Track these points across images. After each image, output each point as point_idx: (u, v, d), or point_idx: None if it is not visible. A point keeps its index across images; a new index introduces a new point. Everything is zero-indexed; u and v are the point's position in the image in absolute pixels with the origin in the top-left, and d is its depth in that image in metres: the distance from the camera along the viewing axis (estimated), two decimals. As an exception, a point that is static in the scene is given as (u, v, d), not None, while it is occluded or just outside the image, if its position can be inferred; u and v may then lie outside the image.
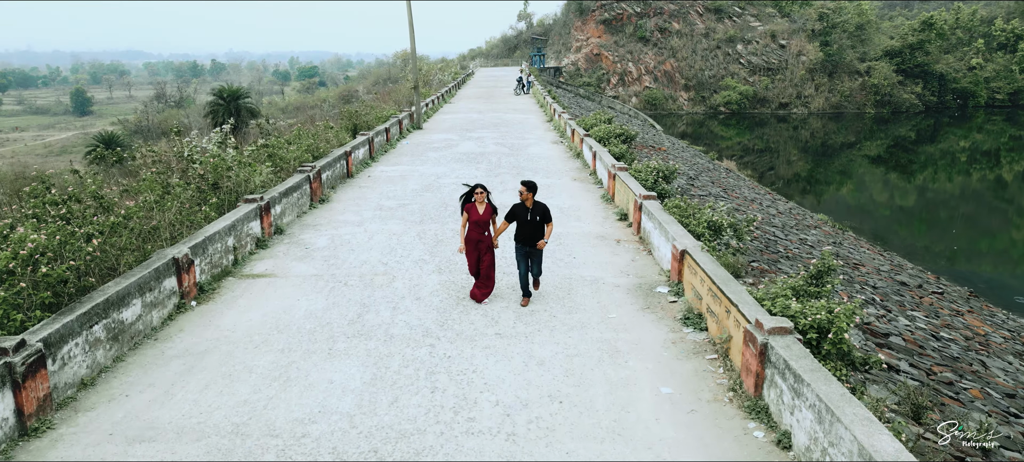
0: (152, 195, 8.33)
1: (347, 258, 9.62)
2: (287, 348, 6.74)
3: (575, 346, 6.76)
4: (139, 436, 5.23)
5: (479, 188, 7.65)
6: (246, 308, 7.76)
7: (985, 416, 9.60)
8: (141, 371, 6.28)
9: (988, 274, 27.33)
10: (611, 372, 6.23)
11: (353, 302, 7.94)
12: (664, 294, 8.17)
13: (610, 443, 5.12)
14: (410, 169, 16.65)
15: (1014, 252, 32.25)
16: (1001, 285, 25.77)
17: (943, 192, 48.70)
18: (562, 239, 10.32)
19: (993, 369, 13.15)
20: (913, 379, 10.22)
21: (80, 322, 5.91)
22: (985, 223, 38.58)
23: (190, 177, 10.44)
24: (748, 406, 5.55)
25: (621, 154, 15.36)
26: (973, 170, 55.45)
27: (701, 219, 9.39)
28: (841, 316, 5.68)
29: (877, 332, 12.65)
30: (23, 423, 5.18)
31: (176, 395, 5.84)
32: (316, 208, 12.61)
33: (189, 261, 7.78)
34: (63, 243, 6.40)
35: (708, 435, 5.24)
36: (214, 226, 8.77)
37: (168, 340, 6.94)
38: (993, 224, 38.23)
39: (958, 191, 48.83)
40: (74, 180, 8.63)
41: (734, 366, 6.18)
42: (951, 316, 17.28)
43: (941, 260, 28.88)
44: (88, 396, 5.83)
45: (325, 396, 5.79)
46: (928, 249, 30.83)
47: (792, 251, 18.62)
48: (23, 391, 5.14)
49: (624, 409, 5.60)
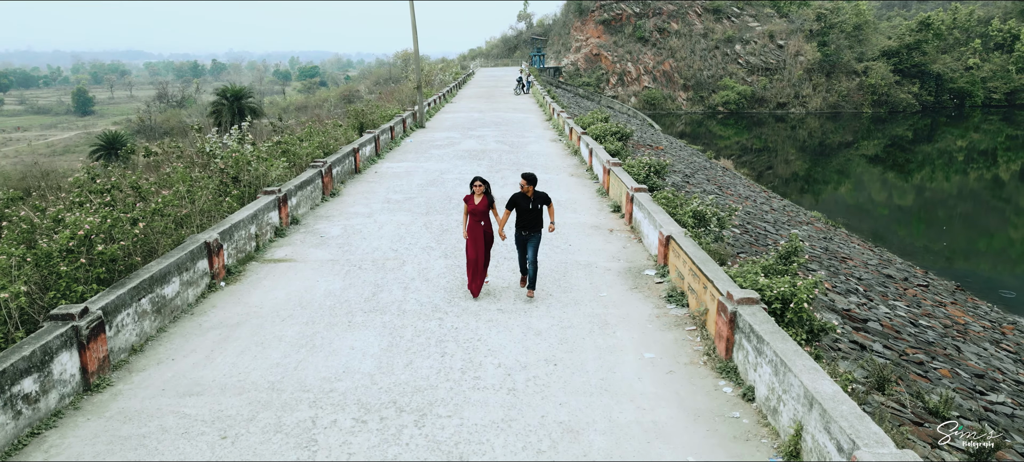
0: (183, 186, 9.10)
1: (360, 245, 10.39)
2: (310, 321, 7.52)
3: (569, 320, 7.54)
4: (188, 391, 6.00)
5: (478, 180, 8.16)
6: (271, 288, 8.54)
7: (950, 391, 10.34)
8: (182, 340, 7.06)
9: (980, 270, 28.07)
10: (600, 341, 7.00)
11: (367, 283, 8.72)
12: (651, 276, 8.95)
13: (597, 397, 5.89)
14: (415, 165, 17.43)
15: (1012, 250, 33.01)
16: (991, 280, 26.54)
17: (940, 191, 49.29)
18: (560, 229, 11.10)
19: (966, 353, 13.90)
20: (885, 358, 10.95)
21: (130, 295, 6.69)
22: (982, 222, 39.26)
23: (212, 171, 11.21)
24: (720, 367, 6.32)
25: (616, 151, 16.14)
26: (970, 169, 55.97)
27: (687, 209, 10.17)
28: (802, 289, 6.46)
29: (856, 318, 13.41)
30: (87, 380, 5.96)
31: (216, 359, 6.62)
32: (328, 201, 13.39)
33: (218, 245, 8.56)
34: (112, 226, 7.17)
35: (683, 390, 6.01)
36: (239, 214, 9.55)
37: (203, 314, 7.72)
38: (991, 223, 38.92)
39: (955, 190, 49.41)
40: (108, 172, 9.39)
41: (709, 335, 6.96)
42: (933, 307, 18.03)
43: (932, 256, 29.61)
44: (138, 360, 6.61)
45: (348, 359, 6.57)
46: (926, 248, 31.54)
47: (780, 244, 19.36)
48: (87, 351, 5.92)
49: (611, 370, 6.37)
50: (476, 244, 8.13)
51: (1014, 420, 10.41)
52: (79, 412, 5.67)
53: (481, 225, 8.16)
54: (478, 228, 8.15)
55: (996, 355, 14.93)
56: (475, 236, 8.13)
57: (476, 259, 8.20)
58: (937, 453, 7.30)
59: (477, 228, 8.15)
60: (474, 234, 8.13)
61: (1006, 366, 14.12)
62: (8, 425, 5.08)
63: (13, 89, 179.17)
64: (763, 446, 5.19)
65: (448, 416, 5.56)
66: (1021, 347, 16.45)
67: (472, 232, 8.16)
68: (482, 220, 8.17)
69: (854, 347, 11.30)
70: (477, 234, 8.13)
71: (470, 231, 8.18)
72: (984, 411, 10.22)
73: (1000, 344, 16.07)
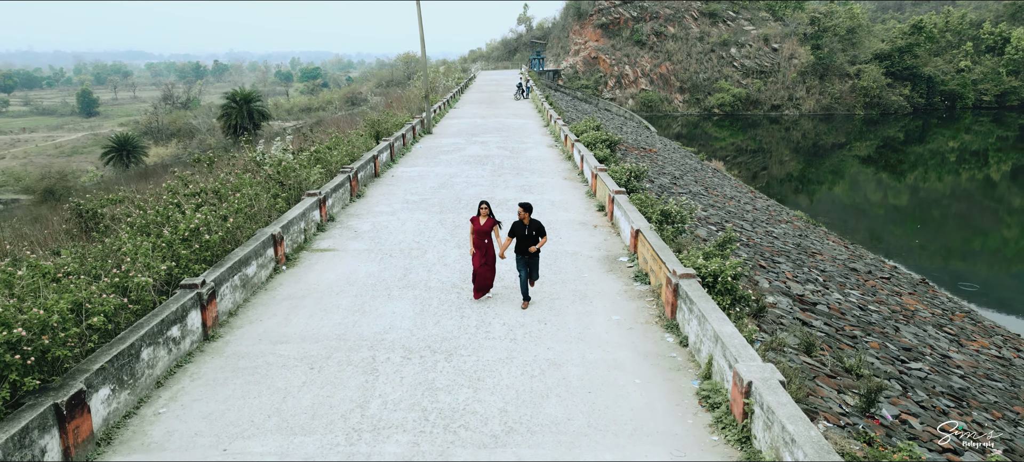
0: (251, 190, 11.36)
1: (388, 238, 12.65)
2: (358, 294, 9.78)
3: (557, 293, 9.79)
4: (278, 340, 8.26)
5: (483, 204, 9.43)
6: (322, 271, 10.80)
7: (872, 358, 12.61)
8: (263, 308, 9.32)
9: (952, 266, 30.44)
10: (580, 308, 9.26)
11: (398, 267, 10.98)
12: (624, 262, 11.21)
13: (575, 344, 8.15)
14: (427, 170, 19.69)
15: (986, 247, 35.24)
16: (960, 275, 28.93)
17: (931, 191, 51.16)
18: (552, 225, 13.34)
19: (904, 332, 16.13)
20: (822, 332, 13.17)
21: (228, 272, 8.95)
22: (965, 221, 41.36)
23: (262, 176, 13.47)
24: (666, 325, 8.58)
25: (604, 157, 18.39)
26: (962, 170, 57.66)
27: (657, 209, 12.40)
28: (727, 268, 8.70)
29: (806, 301, 15.61)
30: (206, 331, 8.22)
31: (292, 320, 8.88)
32: (355, 201, 15.64)
33: (281, 237, 10.82)
34: (210, 222, 9.42)
35: (638, 340, 8.27)
36: (292, 212, 11.82)
37: (274, 290, 9.98)
38: (972, 222, 41.01)
39: (948, 190, 51.25)
40: (195, 179, 11.64)
41: (661, 303, 9.21)
42: (887, 295, 20.23)
43: (907, 253, 31.95)
44: (235, 321, 8.87)
45: (391, 320, 8.83)
46: (904, 245, 33.83)
47: (753, 240, 21.53)
48: (206, 311, 8.18)
49: (586, 327, 8.63)
50: (481, 258, 9.43)
51: (925, 381, 12.67)
52: (204, 354, 7.93)
53: (485, 242, 9.40)
54: (483, 245, 9.38)
55: (934, 336, 17.13)
56: (481, 250, 9.49)
57: (481, 273, 9.44)
58: (841, 398, 9.53)
59: (482, 244, 9.38)
60: (480, 249, 9.50)
61: (940, 344, 16.31)
62: (165, 357, 7.33)
63: (17, 90, 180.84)
64: (689, 373, 7.45)
65: (468, 355, 7.82)
66: (964, 331, 18.67)
67: (478, 248, 9.37)
68: (486, 238, 9.43)
69: (798, 323, 13.54)
70: (482, 249, 9.50)
71: (476, 246, 9.37)
72: (899, 374, 12.46)
73: (944, 328, 18.25)
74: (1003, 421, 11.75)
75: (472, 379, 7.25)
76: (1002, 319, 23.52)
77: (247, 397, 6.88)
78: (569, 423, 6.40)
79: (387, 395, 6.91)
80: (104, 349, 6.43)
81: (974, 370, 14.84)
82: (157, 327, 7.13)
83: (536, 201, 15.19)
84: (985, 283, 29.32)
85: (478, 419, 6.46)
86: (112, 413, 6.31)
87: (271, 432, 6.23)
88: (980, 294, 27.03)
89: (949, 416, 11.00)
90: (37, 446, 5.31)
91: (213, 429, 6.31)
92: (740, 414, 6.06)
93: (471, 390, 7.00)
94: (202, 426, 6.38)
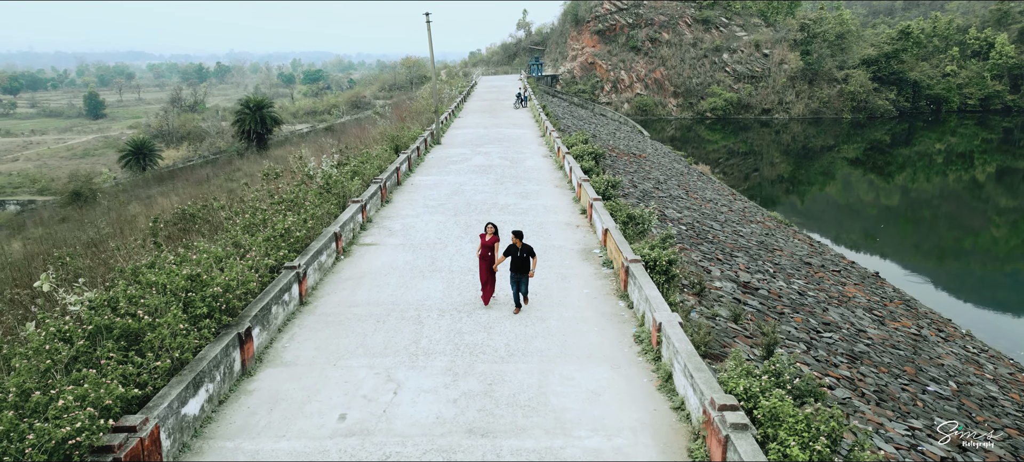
0: (317, 199, 15.06)
1: (416, 235, 16.31)
2: (401, 275, 13.44)
3: (545, 276, 13.46)
4: (350, 305, 11.93)
5: (490, 224, 11.62)
6: (371, 259, 14.47)
7: (789, 327, 16.16)
8: (334, 284, 12.99)
9: (907, 262, 34.09)
10: (561, 284, 12.93)
11: (427, 257, 14.64)
12: (597, 253, 14.88)
13: (556, 307, 11.81)
14: (440, 179, 23.36)
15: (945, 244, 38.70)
16: (915, 269, 32.60)
17: (919, 191, 54.18)
18: (544, 226, 16.97)
19: (831, 312, 19.67)
20: (754, 309, 16.74)
21: (312, 258, 12.63)
22: (937, 220, 44.55)
23: (312, 186, 17.15)
24: (620, 295, 12.26)
25: (589, 168, 22.06)
26: (949, 171, 60.42)
27: (624, 212, 16.07)
28: (663, 255, 12.36)
29: (750, 287, 19.18)
30: (302, 299, 11.90)
31: (358, 293, 12.54)
32: (385, 206, 19.32)
33: (339, 234, 14.49)
34: (296, 222, 13.10)
35: (600, 305, 11.94)
36: (344, 216, 15.50)
37: (338, 273, 13.65)
38: (943, 222, 44.26)
39: (936, 191, 54.21)
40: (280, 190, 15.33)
41: (619, 281, 12.88)
42: (832, 285, 23.79)
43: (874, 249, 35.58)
44: (317, 292, 12.54)
45: (427, 293, 12.50)
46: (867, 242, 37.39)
47: (718, 237, 25.14)
48: (302, 284, 11.86)
49: (564, 296, 12.30)
50: (487, 269, 12.25)
51: (832, 346, 16.25)
52: (301, 314, 11.60)
53: (489, 255, 11.63)
54: (488, 258, 11.57)
55: (860, 316, 20.67)
56: (486, 262, 12.26)
57: (487, 280, 11.79)
58: (751, 350, 13.13)
59: (487, 257, 11.58)
60: (485, 261, 12.20)
61: (861, 322, 19.89)
62: (281, 313, 11.01)
63: (23, 92, 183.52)
64: (631, 325, 11.12)
65: (482, 314, 11.50)
66: (893, 314, 22.29)
67: (484, 261, 11.63)
68: (491, 251, 11.59)
69: (735, 302, 17.15)
70: (487, 262, 12.22)
71: (483, 260, 11.60)
72: (809, 339, 16.05)
73: (874, 311, 21.79)
74: (887, 375, 15.40)
75: (486, 327, 10.93)
76: (943, 307, 27.07)
77: (339, 337, 10.57)
78: (548, 351, 10.09)
79: (431, 336, 10.60)
80: (253, 304, 10.12)
81: (883, 342, 18.46)
82: (278, 293, 10.82)
83: (532, 206, 18.87)
84: (935, 276, 32.95)
85: (490, 349, 10.14)
86: (260, 344, 9.99)
87: (362, 354, 9.92)
88: (924, 286, 30.70)
89: (839, 368, 14.68)
90: (230, 357, 8.98)
91: (323, 354, 9.99)
92: (655, 342, 9.75)
93: (485, 333, 10.69)
94: (315, 353, 10.05)
